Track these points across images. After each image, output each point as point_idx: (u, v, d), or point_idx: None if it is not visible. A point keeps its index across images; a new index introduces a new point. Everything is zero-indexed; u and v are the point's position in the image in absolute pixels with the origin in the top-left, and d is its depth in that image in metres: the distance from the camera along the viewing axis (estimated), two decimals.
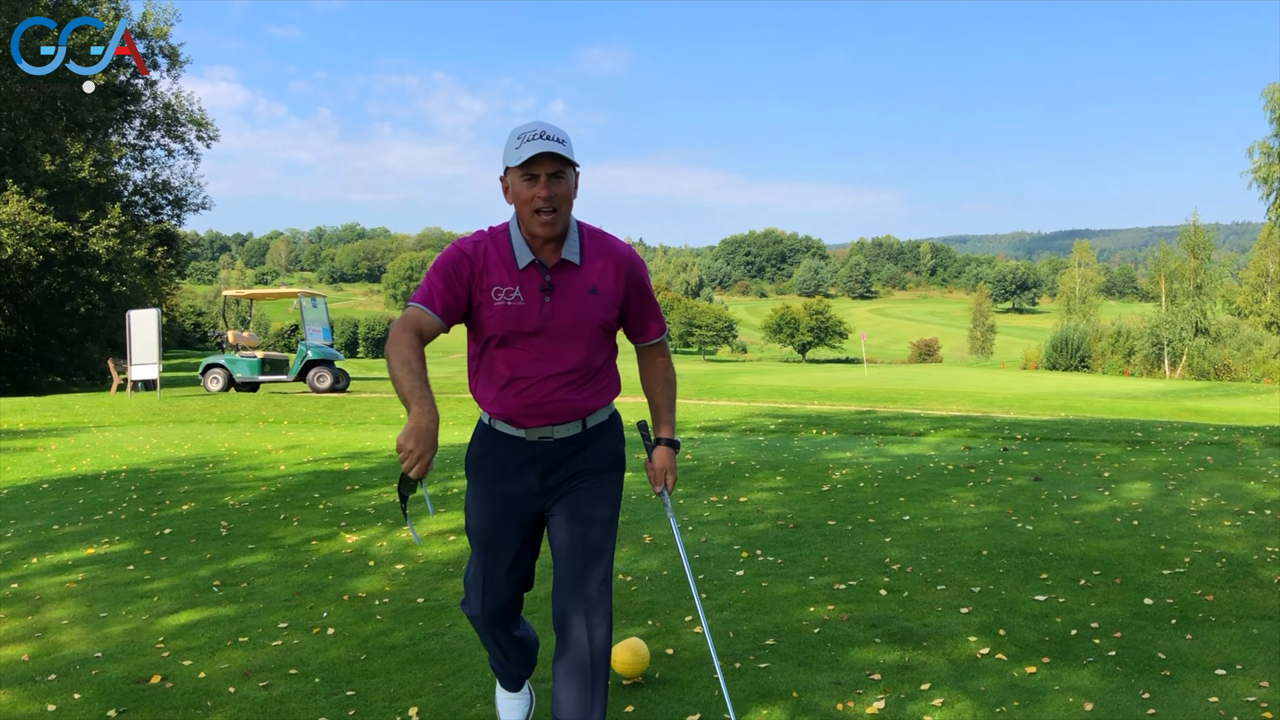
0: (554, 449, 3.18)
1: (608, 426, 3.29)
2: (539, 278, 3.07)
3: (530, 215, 3.00)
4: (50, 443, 13.53)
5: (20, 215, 30.14)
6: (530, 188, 2.98)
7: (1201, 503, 7.10)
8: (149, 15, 38.78)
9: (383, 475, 9.57)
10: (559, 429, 3.17)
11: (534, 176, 2.97)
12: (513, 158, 2.99)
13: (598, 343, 3.18)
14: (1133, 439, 11.07)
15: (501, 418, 3.18)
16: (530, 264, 3.08)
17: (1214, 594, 4.97)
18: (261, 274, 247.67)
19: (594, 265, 3.14)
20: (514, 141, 3.00)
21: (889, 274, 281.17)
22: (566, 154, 2.97)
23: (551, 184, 2.98)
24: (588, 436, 3.22)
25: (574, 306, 3.09)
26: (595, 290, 3.12)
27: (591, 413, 3.21)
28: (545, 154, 2.95)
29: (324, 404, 21.17)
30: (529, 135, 2.97)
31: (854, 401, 22.25)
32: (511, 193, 3.07)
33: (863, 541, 6.28)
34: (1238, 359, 65.59)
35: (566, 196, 3.03)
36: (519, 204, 3.03)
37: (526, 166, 2.96)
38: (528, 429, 3.16)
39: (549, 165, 2.97)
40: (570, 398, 3.15)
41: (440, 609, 5.17)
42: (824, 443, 11.47)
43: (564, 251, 3.09)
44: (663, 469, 3.38)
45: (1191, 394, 37.60)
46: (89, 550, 6.85)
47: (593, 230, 3.22)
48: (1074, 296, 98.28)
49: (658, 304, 3.33)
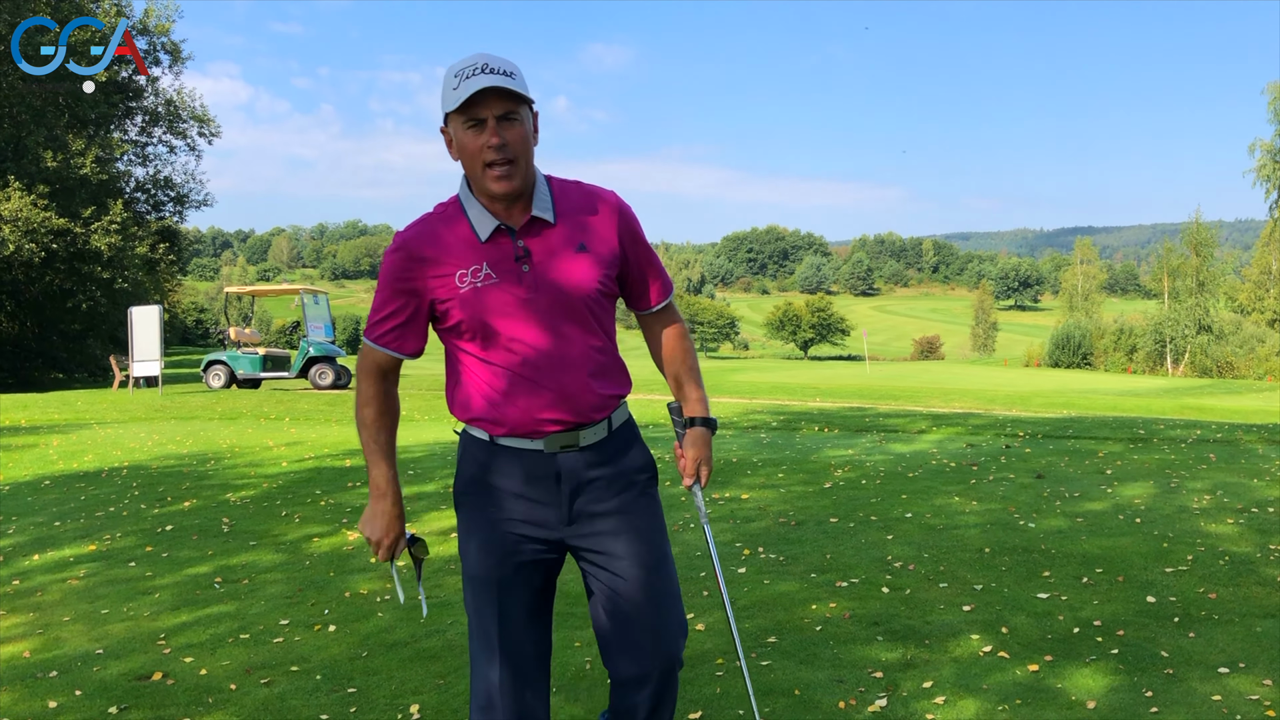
0: (580, 461, 2.55)
1: (631, 425, 2.71)
2: (510, 245, 2.48)
3: (481, 171, 2.42)
4: (52, 439, 13.54)
5: (22, 212, 30.15)
6: (476, 136, 2.39)
7: (1204, 500, 7.09)
8: (151, 12, 38.78)
9: None
10: (584, 432, 2.54)
11: (479, 121, 2.38)
12: (450, 100, 2.39)
13: (602, 313, 2.58)
14: (1135, 436, 11.05)
15: (509, 433, 2.54)
16: (495, 231, 2.47)
17: (1217, 592, 4.96)
18: (263, 270, 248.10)
19: (575, 219, 2.55)
20: (450, 81, 2.40)
21: (891, 271, 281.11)
22: (517, 88, 2.37)
23: (502, 129, 2.39)
24: (615, 442, 2.62)
25: (561, 271, 2.50)
26: (584, 247, 2.53)
27: (616, 407, 2.64)
28: (490, 91, 2.36)
29: (325, 401, 21.18)
30: (468, 71, 2.37)
31: (856, 398, 22.25)
32: (456, 146, 2.46)
33: (865, 539, 6.27)
34: (1240, 356, 65.51)
35: (523, 141, 2.43)
36: (466, 159, 2.44)
37: (468, 110, 2.37)
38: (546, 438, 2.53)
39: (496, 106, 2.37)
40: (590, 387, 2.53)
41: (441, 606, 5.17)
42: (826, 440, 11.46)
43: (534, 208, 2.49)
44: (696, 458, 2.73)
45: (1194, 391, 37.55)
46: (90, 547, 6.85)
47: (564, 181, 2.63)
48: (1076, 294, 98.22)
49: (658, 258, 2.74)
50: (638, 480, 2.63)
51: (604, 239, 2.56)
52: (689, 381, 2.78)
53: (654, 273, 2.72)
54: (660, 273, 2.74)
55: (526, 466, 2.53)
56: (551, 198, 2.53)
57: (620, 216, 2.61)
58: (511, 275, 2.46)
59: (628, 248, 2.62)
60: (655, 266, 2.72)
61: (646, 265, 2.70)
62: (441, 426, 14.37)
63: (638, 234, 2.66)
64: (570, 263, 2.50)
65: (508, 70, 2.38)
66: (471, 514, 2.60)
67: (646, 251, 2.70)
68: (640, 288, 2.71)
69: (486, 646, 2.56)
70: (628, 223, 2.62)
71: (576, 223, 2.54)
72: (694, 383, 2.78)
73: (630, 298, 2.73)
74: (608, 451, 2.58)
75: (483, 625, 2.57)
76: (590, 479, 2.55)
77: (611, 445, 2.60)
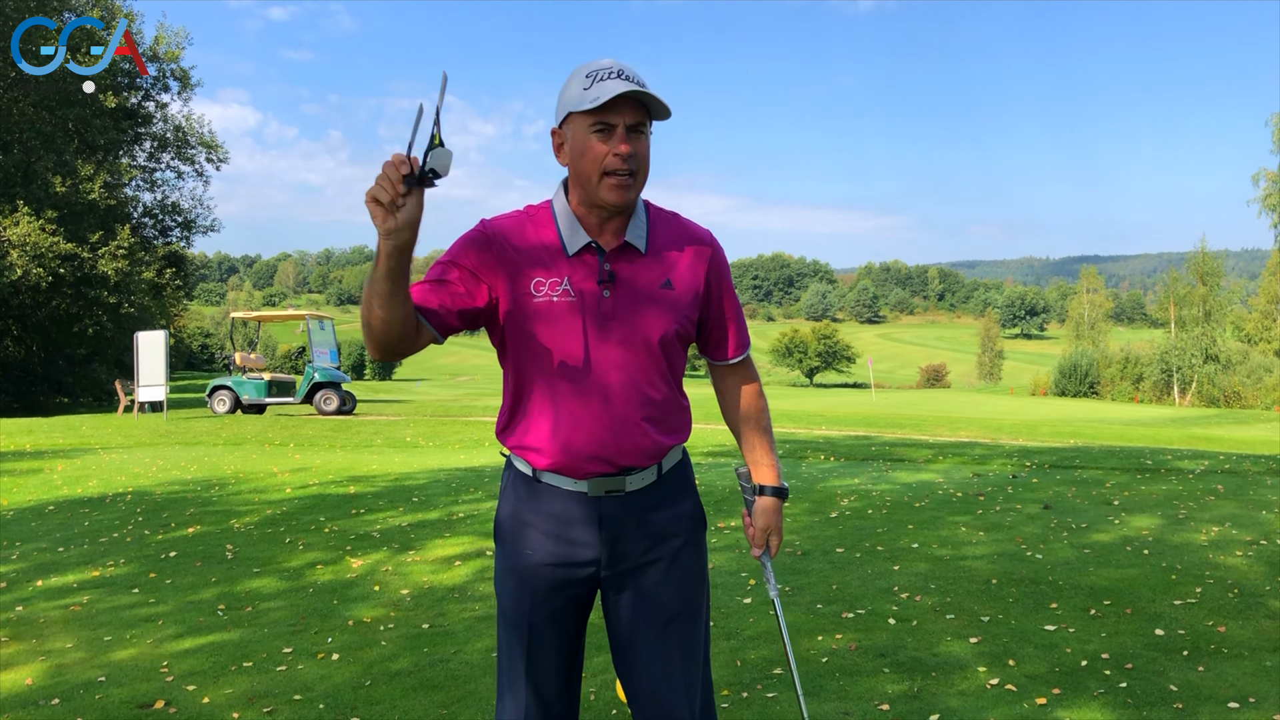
0: (624, 506, 2.41)
1: (683, 471, 2.55)
2: (596, 265, 2.34)
3: (598, 179, 2.26)
4: (56, 464, 13.53)
5: (30, 236, 30.30)
6: (603, 141, 2.25)
7: (1212, 532, 7.05)
8: (161, 39, 39.03)
9: (388, 499, 9.54)
10: (632, 477, 2.39)
11: (608, 127, 2.24)
12: (579, 100, 2.24)
13: (675, 356, 2.44)
14: (1142, 467, 11.01)
15: (553, 468, 2.38)
16: (584, 247, 2.34)
17: (1226, 625, 4.93)
18: (269, 295, 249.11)
19: (667, 252, 2.42)
20: (581, 81, 2.27)
21: (897, 299, 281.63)
22: (656, 99, 2.25)
23: (631, 138, 2.26)
24: (664, 487, 2.47)
25: (641, 304, 2.35)
26: (669, 284, 2.40)
27: (668, 452, 2.47)
28: (626, 98, 2.23)
29: (330, 426, 21.17)
30: (603, 74, 2.24)
31: (862, 426, 22.20)
32: (570, 149, 2.31)
33: (871, 569, 6.24)
34: (1248, 386, 65.30)
35: (647, 155, 2.31)
36: (582, 163, 2.28)
37: (601, 114, 2.23)
38: (590, 480, 2.38)
39: (629, 114, 2.25)
40: (647, 432, 2.39)
41: (445, 635, 5.14)
42: (832, 469, 11.43)
43: (628, 233, 2.37)
44: (765, 528, 2.60)
45: (1201, 421, 37.42)
46: (93, 573, 6.83)
47: (662, 210, 2.50)
48: (1083, 322, 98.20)
49: (741, 310, 2.59)
50: (682, 530, 2.48)
51: (691, 279, 2.44)
52: (760, 445, 2.62)
53: (735, 324, 2.57)
54: (741, 325, 2.59)
55: (568, 508, 2.40)
56: (647, 225, 2.42)
57: (713, 260, 2.49)
58: (591, 297, 2.33)
59: (713, 292, 2.50)
60: (738, 317, 2.58)
61: (729, 314, 2.55)
62: (445, 454, 14.35)
63: (725, 280, 2.53)
64: (652, 297, 2.37)
65: (642, 82, 2.26)
66: (509, 551, 2.48)
67: (731, 300, 2.56)
68: (719, 336, 2.56)
69: (512, 687, 2.49)
70: (718, 267, 2.50)
71: (667, 257, 2.42)
72: (766, 447, 2.62)
73: (706, 345, 2.59)
74: (655, 497, 2.44)
75: (511, 665, 2.49)
76: (633, 525, 2.42)
77: (660, 491, 2.45)
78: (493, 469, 11.74)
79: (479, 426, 19.19)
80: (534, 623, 2.43)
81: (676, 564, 2.45)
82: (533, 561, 2.42)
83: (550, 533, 2.40)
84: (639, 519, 2.41)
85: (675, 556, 2.45)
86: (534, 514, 2.42)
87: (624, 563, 2.41)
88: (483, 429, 18.65)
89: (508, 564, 2.48)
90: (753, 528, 2.61)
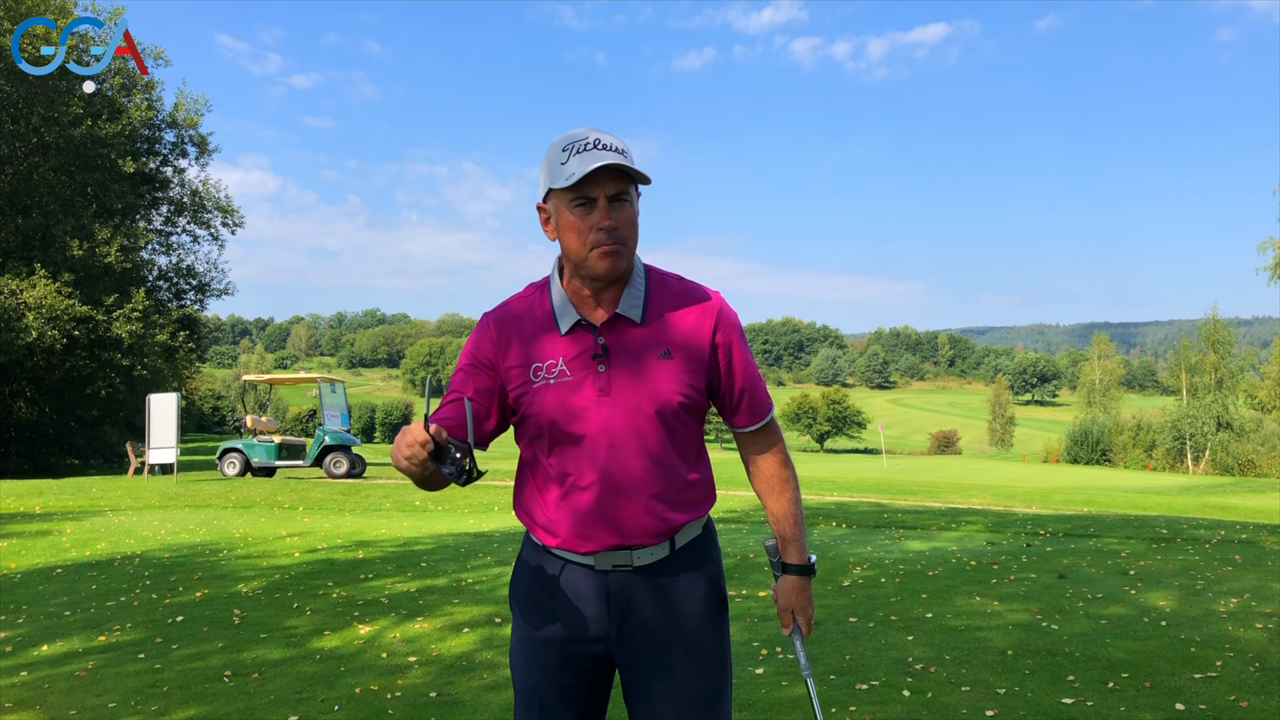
0: (633, 581, 2.34)
1: (703, 544, 2.45)
2: (590, 341, 2.31)
3: (585, 252, 2.24)
4: (66, 526, 13.51)
5: (47, 299, 30.57)
6: (585, 215, 2.23)
7: (1231, 604, 6.95)
8: (180, 105, 39.72)
9: (396, 564, 9.48)
10: (639, 553, 2.33)
11: (588, 200, 2.22)
12: (558, 177, 2.22)
13: (681, 428, 2.35)
14: (1158, 535, 10.90)
15: (561, 544, 2.35)
16: (575, 325, 2.32)
17: (1248, 700, 4.83)
18: (281, 358, 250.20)
19: (666, 319, 2.34)
20: (558, 155, 2.24)
21: (907, 364, 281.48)
22: (632, 168, 2.23)
23: (613, 209, 2.23)
24: (679, 561, 2.38)
25: (640, 375, 2.29)
26: (668, 353, 2.32)
27: (681, 527, 2.38)
28: (605, 169, 2.20)
29: (339, 490, 21.12)
30: (580, 145, 2.21)
31: (873, 493, 22.06)
32: (556, 225, 2.29)
33: (884, 640, 6.15)
34: (1262, 454, 64.90)
35: (633, 222, 2.27)
36: (569, 239, 2.26)
37: (579, 188, 2.21)
38: (596, 555, 2.33)
39: (609, 185, 2.22)
40: (653, 509, 2.31)
41: (452, 704, 5.07)
42: (843, 536, 11.33)
43: (621, 304, 2.31)
44: (787, 606, 2.51)
45: (1216, 489, 37.11)
46: (100, 638, 6.77)
47: (664, 274, 2.42)
48: (1095, 389, 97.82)
49: (758, 371, 2.46)
50: (698, 610, 2.37)
51: (694, 344, 2.34)
52: (783, 518, 2.51)
53: (749, 388, 2.45)
54: (756, 389, 2.46)
55: (576, 580, 2.35)
56: (645, 292, 2.36)
57: (719, 323, 2.38)
58: (586, 374, 2.30)
59: (720, 356, 2.38)
60: (751, 381, 2.45)
61: (741, 378, 2.42)
62: (454, 518, 14.29)
63: (734, 343, 2.40)
64: (651, 368, 2.30)
65: (620, 148, 2.23)
66: (521, 622, 2.44)
67: (743, 363, 2.42)
68: (731, 402, 2.45)
69: None
70: (726, 329, 2.38)
71: (666, 323, 2.34)
72: (790, 519, 2.50)
73: (722, 411, 2.49)
74: (667, 573, 2.36)
75: None
76: (645, 602, 2.34)
77: (672, 567, 2.36)
78: (502, 534, 11.68)
79: (489, 491, 19.12)
80: (544, 697, 2.37)
81: (693, 648, 2.36)
82: (545, 634, 2.37)
83: (559, 605, 2.36)
84: (651, 595, 2.34)
85: (690, 639, 2.35)
86: (544, 585, 2.39)
87: (635, 640, 2.35)
88: (492, 493, 18.58)
89: (519, 635, 2.44)
90: (779, 605, 2.53)
